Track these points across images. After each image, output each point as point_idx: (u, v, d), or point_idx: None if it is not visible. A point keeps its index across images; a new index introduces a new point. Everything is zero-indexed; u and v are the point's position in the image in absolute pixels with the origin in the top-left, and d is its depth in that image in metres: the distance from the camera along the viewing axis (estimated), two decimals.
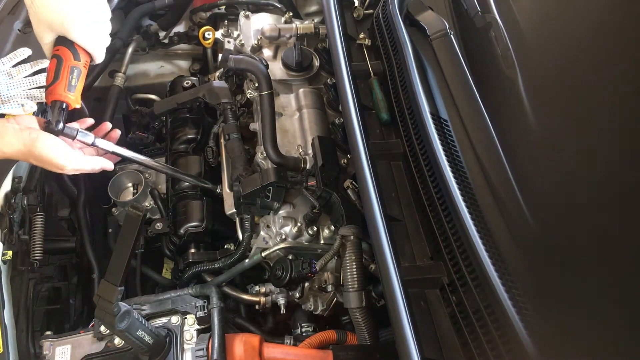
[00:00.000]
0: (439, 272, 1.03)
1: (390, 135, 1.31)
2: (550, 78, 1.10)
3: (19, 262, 1.25)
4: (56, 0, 1.03)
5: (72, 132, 1.15)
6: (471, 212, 0.98)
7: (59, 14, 1.04)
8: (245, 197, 1.28)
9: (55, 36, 1.08)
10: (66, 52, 1.08)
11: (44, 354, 1.13)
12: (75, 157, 1.13)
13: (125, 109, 1.84)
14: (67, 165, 1.10)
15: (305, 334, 1.28)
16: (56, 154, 1.08)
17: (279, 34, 1.65)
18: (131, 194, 1.59)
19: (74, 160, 1.12)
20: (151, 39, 1.88)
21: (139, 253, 1.47)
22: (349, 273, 1.16)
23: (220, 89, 1.48)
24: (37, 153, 1.05)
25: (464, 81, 1.19)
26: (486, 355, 0.88)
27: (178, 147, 1.59)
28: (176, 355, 1.12)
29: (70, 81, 1.08)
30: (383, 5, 1.48)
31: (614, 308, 0.81)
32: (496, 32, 1.23)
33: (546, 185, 1.00)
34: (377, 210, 1.07)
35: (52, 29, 1.06)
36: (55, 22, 1.04)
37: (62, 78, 1.07)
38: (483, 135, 1.10)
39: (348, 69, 1.32)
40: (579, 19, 1.09)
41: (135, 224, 0.95)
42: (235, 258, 1.35)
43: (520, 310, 0.85)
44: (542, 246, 0.94)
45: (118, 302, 0.94)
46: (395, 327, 0.94)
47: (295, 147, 1.43)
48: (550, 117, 1.05)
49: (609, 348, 0.79)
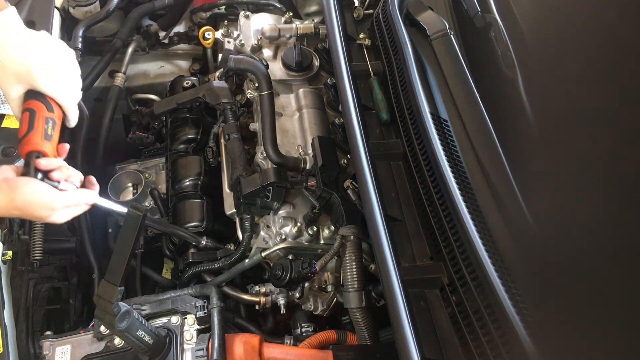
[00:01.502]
0: (439, 272, 1.03)
1: (390, 135, 1.31)
2: (550, 78, 1.10)
3: (19, 262, 1.25)
4: (24, 51, 0.97)
5: (54, 183, 1.00)
6: (471, 212, 0.98)
7: (27, 64, 0.96)
8: (245, 197, 1.28)
9: (23, 90, 0.99)
10: (38, 104, 0.99)
11: (44, 354, 1.14)
12: (64, 198, 1.00)
13: (125, 109, 1.84)
14: (56, 209, 0.98)
15: (305, 334, 1.28)
16: (41, 199, 0.96)
17: (279, 34, 1.65)
18: (131, 194, 1.59)
19: (62, 200, 0.99)
20: (151, 39, 1.88)
21: (139, 253, 1.47)
22: (349, 273, 1.16)
23: (220, 89, 1.48)
24: (19, 201, 0.93)
25: (464, 81, 1.19)
26: (486, 355, 0.88)
27: (178, 147, 1.59)
28: (176, 355, 1.12)
29: (46, 130, 0.99)
30: (383, 5, 1.48)
31: (613, 308, 0.81)
32: (496, 32, 1.23)
33: (546, 185, 1.00)
34: (377, 210, 1.07)
35: (19, 81, 0.97)
36: (23, 72, 0.97)
37: (37, 128, 0.98)
38: (483, 135, 1.10)
39: (348, 69, 1.32)
40: (579, 19, 1.09)
41: (135, 224, 0.95)
42: (235, 258, 1.35)
43: (520, 310, 0.85)
44: (541, 246, 0.94)
45: (118, 302, 0.94)
46: (395, 327, 0.94)
47: (295, 147, 1.43)
48: (550, 116, 1.05)
49: (608, 348, 0.79)
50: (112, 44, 1.73)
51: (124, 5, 1.80)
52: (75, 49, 1.60)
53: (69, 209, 1.02)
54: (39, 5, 1.57)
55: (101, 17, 1.69)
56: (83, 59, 1.63)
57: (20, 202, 0.93)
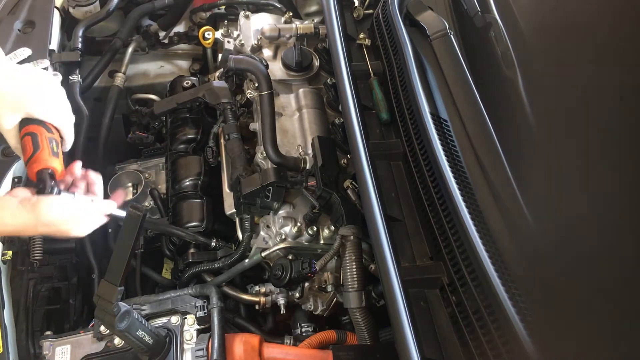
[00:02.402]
0: (439, 272, 1.03)
1: (390, 135, 1.31)
2: (550, 78, 1.10)
3: (19, 262, 1.25)
4: (14, 82, 0.98)
5: (70, 195, 1.02)
6: (471, 212, 0.98)
7: (20, 93, 0.98)
8: (245, 197, 1.28)
9: (19, 118, 0.99)
10: (38, 127, 0.99)
11: (44, 354, 1.13)
12: (85, 210, 1.03)
13: (125, 109, 1.84)
14: (79, 221, 1.01)
15: (305, 334, 1.28)
16: (64, 214, 0.98)
17: (278, 34, 1.65)
18: (131, 194, 1.59)
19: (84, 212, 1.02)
20: (151, 39, 1.88)
21: (139, 253, 1.47)
22: (349, 273, 1.16)
23: (220, 89, 1.48)
24: (43, 218, 0.95)
25: (464, 81, 1.19)
26: (486, 355, 0.88)
27: (178, 147, 1.59)
28: (176, 355, 1.12)
29: (52, 148, 1.00)
30: (383, 5, 1.48)
31: (613, 308, 0.81)
32: (496, 32, 1.23)
33: (546, 185, 1.00)
34: (377, 210, 1.07)
35: (14, 110, 0.98)
36: (17, 101, 0.98)
37: (42, 146, 0.98)
38: (483, 135, 1.10)
39: (348, 69, 1.32)
40: (579, 19, 1.08)
41: (135, 224, 0.95)
42: (235, 258, 1.35)
43: (520, 310, 0.85)
44: (542, 246, 0.94)
45: (118, 302, 0.94)
46: (395, 327, 0.94)
47: (295, 147, 1.43)
48: (550, 116, 1.05)
49: (608, 348, 0.79)
50: (112, 44, 1.73)
51: (124, 5, 1.80)
52: (75, 49, 1.60)
53: (91, 220, 1.05)
54: (39, 5, 1.58)
55: (101, 17, 1.70)
56: (83, 59, 1.63)
57: (44, 219, 0.95)
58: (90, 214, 1.05)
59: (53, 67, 1.50)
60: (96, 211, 1.06)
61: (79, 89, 1.58)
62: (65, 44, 1.67)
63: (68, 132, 1.07)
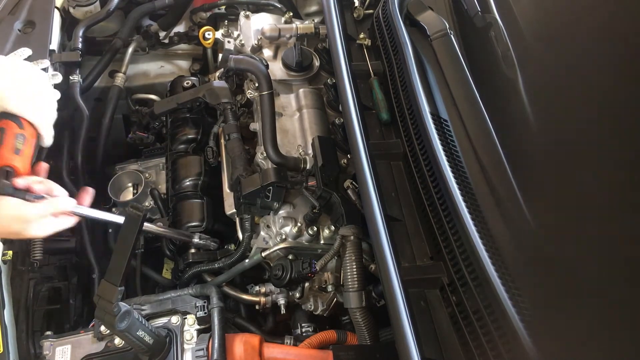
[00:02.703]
0: (439, 272, 1.03)
1: (390, 135, 1.31)
2: (551, 78, 1.10)
3: (19, 262, 1.25)
4: None
5: (21, 194, 1.00)
6: (471, 212, 0.98)
7: None
8: (245, 197, 1.28)
9: None
10: (8, 122, 1.00)
11: (44, 354, 1.13)
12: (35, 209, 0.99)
13: (125, 109, 1.84)
14: (29, 221, 0.97)
15: (305, 334, 1.28)
16: (12, 213, 0.96)
17: (279, 34, 1.65)
18: (131, 194, 1.59)
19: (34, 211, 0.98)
20: (151, 39, 1.88)
21: (139, 253, 1.47)
22: (349, 273, 1.16)
23: (220, 89, 1.48)
24: None
25: (464, 81, 1.19)
26: (486, 355, 0.88)
27: (178, 147, 1.59)
28: (176, 355, 1.11)
29: (16, 145, 1.00)
30: (383, 5, 1.48)
31: (613, 308, 0.81)
32: (496, 32, 1.23)
33: (546, 184, 1.00)
34: (377, 210, 1.07)
35: None
36: None
37: (5, 143, 0.99)
38: (483, 135, 1.10)
39: (348, 69, 1.32)
40: (579, 19, 1.08)
41: (135, 224, 0.95)
42: (235, 258, 1.35)
43: (520, 310, 0.85)
44: (542, 246, 0.94)
45: (118, 302, 0.94)
46: (395, 327, 0.94)
47: (295, 147, 1.43)
48: (550, 117, 1.05)
49: (608, 348, 0.79)
50: (112, 44, 1.73)
51: (124, 5, 1.80)
52: (75, 49, 1.60)
53: (47, 220, 1.01)
54: (39, 5, 1.58)
55: (101, 17, 1.70)
56: (83, 59, 1.63)
57: None
58: (44, 214, 1.00)
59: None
60: (50, 211, 1.01)
61: (79, 89, 1.58)
62: (65, 44, 1.67)
63: (45, 129, 1.06)
